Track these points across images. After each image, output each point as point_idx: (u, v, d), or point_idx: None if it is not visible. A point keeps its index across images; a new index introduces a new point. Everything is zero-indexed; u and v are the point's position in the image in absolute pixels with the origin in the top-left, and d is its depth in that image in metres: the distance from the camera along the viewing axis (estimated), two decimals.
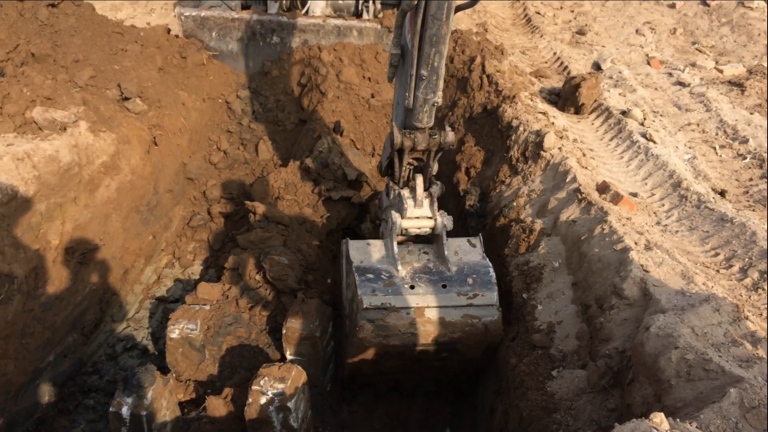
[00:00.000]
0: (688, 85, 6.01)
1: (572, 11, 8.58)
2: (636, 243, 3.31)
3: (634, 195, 4.13)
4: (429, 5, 2.62)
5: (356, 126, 5.67)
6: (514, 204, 4.28)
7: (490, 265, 3.45)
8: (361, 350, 3.36)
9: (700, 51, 7.16)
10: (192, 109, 5.50)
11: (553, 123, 4.80)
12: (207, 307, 3.73)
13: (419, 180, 3.39)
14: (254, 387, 2.91)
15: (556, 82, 6.17)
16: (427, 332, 3.32)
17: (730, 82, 6.16)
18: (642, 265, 3.09)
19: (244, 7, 6.79)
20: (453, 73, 5.83)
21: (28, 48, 4.60)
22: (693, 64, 6.66)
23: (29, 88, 4.09)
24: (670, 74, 6.38)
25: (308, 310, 3.62)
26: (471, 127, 5.41)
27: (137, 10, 7.35)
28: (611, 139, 4.99)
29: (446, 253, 3.42)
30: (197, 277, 4.79)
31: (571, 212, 3.83)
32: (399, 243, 3.49)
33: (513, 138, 4.74)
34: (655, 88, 6.08)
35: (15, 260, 3.27)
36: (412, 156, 3.30)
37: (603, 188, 4.00)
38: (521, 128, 4.72)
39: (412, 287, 3.33)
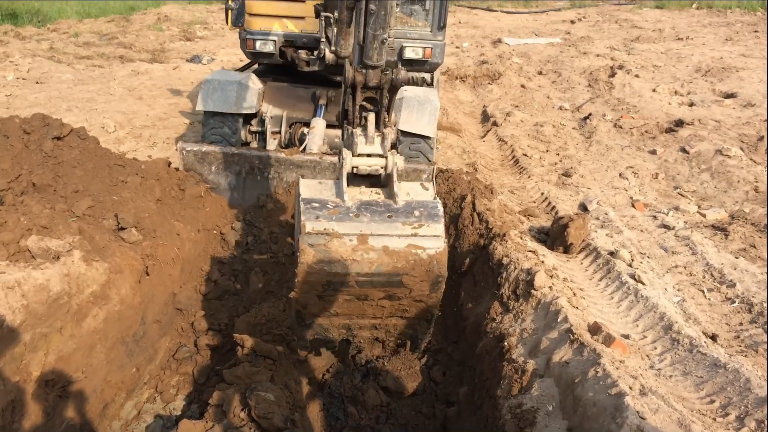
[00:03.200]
0: (673, 228, 6.17)
1: (557, 154, 8.96)
2: (631, 387, 3.26)
3: (626, 337, 4.12)
4: None
5: None
6: (506, 343, 4.24)
7: (439, 201, 3.49)
8: (304, 280, 3.32)
9: (682, 195, 7.42)
10: (186, 239, 5.56)
11: (543, 261, 4.86)
12: None
13: (371, 117, 3.45)
14: None
15: (545, 221, 6.33)
16: (371, 260, 3.30)
17: (713, 227, 6.33)
18: (638, 412, 3.02)
19: (244, 143, 7.07)
20: (446, 211, 5.99)
21: (30, 178, 4.71)
22: (676, 208, 6.87)
23: (27, 217, 4.15)
24: (655, 217, 6.57)
25: None
26: (463, 264, 5.47)
27: (140, 143, 7.63)
28: (600, 279, 5.05)
29: (395, 189, 3.43)
30: (179, 413, 4.61)
31: (563, 353, 3.80)
32: (352, 185, 3.51)
33: (504, 276, 4.79)
34: (641, 230, 6.24)
35: None
36: (365, 95, 3.38)
37: (595, 329, 3.99)
38: (512, 266, 4.77)
39: (357, 216, 3.32)
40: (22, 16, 18.74)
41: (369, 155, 3.49)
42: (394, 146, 3.58)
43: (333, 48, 5.51)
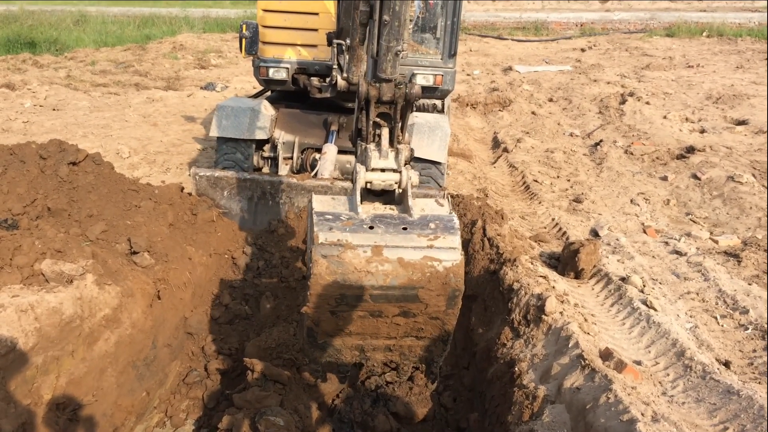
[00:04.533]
0: (685, 254, 6.14)
1: (568, 180, 8.96)
2: (643, 414, 3.23)
3: (638, 363, 4.08)
4: None
5: None
6: (517, 369, 4.22)
7: (456, 216, 3.39)
8: (317, 293, 3.20)
9: (694, 221, 7.39)
10: (198, 263, 5.59)
11: (553, 287, 4.85)
12: None
13: (385, 132, 3.41)
14: None
15: (555, 247, 6.31)
16: (386, 272, 3.16)
17: (726, 253, 6.29)
18: None
19: (256, 169, 7.14)
20: None
21: (45, 202, 4.78)
22: (688, 234, 6.84)
23: (41, 241, 4.20)
24: (667, 243, 6.54)
25: None
26: (474, 289, 5.46)
27: (154, 169, 7.72)
28: (612, 305, 5.02)
29: (410, 203, 3.35)
30: None
31: (575, 379, 3.77)
32: (366, 202, 3.45)
33: (514, 301, 4.77)
34: (653, 256, 6.21)
35: (5, 415, 3.18)
36: (378, 110, 3.34)
37: (606, 355, 3.96)
38: (522, 291, 4.76)
39: (371, 228, 3.22)
40: (41, 45, 19.14)
41: (383, 170, 3.45)
42: (408, 163, 3.57)
43: (345, 75, 5.59)
